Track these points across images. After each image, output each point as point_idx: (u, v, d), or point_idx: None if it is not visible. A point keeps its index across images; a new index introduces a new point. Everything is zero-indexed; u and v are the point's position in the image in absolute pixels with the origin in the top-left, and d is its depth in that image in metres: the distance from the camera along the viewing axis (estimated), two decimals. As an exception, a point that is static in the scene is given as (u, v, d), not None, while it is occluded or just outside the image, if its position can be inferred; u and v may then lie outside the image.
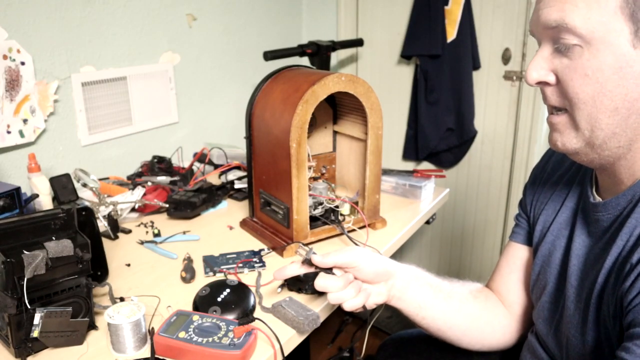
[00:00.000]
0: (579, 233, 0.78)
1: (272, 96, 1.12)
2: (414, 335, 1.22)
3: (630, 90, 0.62)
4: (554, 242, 0.84)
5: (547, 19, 0.64)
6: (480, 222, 2.25)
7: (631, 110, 0.63)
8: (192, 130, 1.87)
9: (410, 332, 1.25)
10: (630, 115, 0.64)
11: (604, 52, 0.62)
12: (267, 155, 1.13)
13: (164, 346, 0.78)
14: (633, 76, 0.62)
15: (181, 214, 1.30)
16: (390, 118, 2.24)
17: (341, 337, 2.24)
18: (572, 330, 0.76)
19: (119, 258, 1.11)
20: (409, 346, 1.20)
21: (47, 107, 1.37)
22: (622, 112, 0.64)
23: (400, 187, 1.46)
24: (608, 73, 0.62)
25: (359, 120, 1.19)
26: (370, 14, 2.27)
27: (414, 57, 2.13)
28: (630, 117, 0.64)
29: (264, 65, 1.87)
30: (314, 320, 0.85)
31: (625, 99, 0.63)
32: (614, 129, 0.65)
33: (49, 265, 0.78)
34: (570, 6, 0.62)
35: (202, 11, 1.82)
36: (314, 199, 1.16)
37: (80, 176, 1.28)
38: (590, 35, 0.62)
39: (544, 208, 0.88)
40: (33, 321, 0.77)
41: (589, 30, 0.61)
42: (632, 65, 0.61)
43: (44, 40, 1.35)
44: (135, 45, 1.61)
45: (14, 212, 1.09)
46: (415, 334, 1.23)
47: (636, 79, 0.62)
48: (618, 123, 0.64)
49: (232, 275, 1.02)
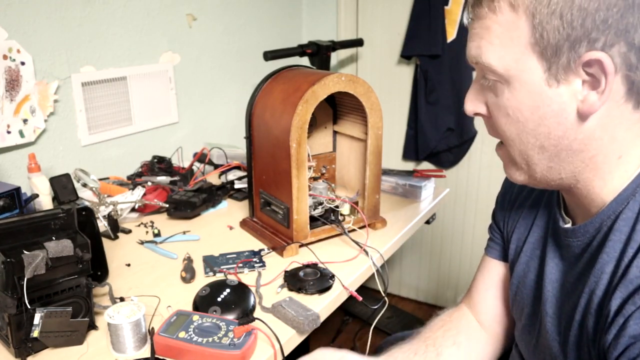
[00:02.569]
0: (552, 256, 0.75)
1: (272, 96, 1.12)
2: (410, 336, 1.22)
3: (552, 129, 0.60)
4: (528, 262, 0.81)
5: (469, 54, 0.64)
6: (480, 222, 2.24)
7: (559, 148, 0.61)
8: (192, 130, 1.87)
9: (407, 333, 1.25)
10: (560, 152, 0.62)
11: (520, 91, 0.60)
12: (267, 155, 1.13)
13: (164, 346, 0.78)
14: (552, 115, 0.59)
15: (181, 214, 1.30)
16: (390, 118, 2.24)
17: (341, 337, 2.24)
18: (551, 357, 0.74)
19: (119, 258, 1.11)
20: None
21: (47, 107, 1.37)
22: (550, 149, 0.62)
23: (400, 187, 1.46)
24: (527, 113, 0.60)
25: (359, 120, 1.19)
26: (370, 14, 2.27)
27: (414, 57, 2.13)
28: (561, 153, 0.62)
29: (264, 65, 1.87)
30: (314, 320, 0.85)
31: (549, 137, 0.61)
32: (547, 163, 0.63)
33: (49, 265, 0.78)
34: (486, 43, 0.61)
35: (202, 11, 1.82)
36: (314, 199, 1.16)
37: (80, 176, 1.28)
38: (506, 73, 0.60)
39: (516, 226, 0.85)
40: (33, 321, 0.77)
41: (504, 69, 0.60)
42: (549, 104, 0.59)
43: (44, 40, 1.35)
44: (135, 45, 1.61)
45: (14, 212, 1.09)
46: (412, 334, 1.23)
47: (557, 118, 0.59)
48: (550, 158, 0.63)
49: (232, 275, 1.02)
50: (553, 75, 0.58)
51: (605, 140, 0.61)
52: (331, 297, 0.95)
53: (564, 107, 0.59)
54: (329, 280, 0.97)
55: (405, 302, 2.57)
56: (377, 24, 2.26)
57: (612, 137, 0.61)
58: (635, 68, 0.56)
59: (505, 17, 0.59)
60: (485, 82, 0.64)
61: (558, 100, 0.59)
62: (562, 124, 0.60)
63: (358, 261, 1.08)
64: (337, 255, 1.10)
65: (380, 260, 1.10)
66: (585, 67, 0.57)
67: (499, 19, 0.59)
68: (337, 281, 0.99)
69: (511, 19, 0.58)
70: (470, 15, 0.63)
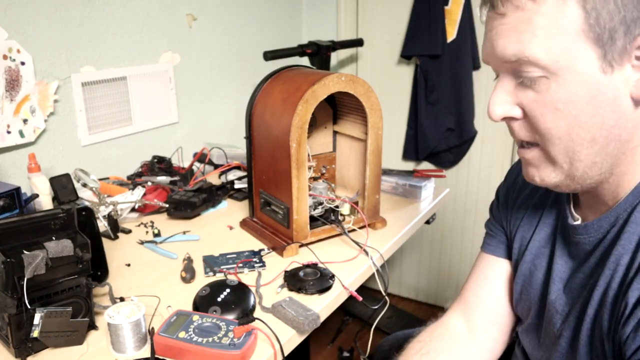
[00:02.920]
0: (560, 254, 0.73)
1: (272, 96, 1.12)
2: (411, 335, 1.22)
3: (606, 119, 0.58)
4: (534, 261, 0.79)
5: (504, 53, 0.59)
6: (480, 222, 2.24)
7: (609, 138, 0.59)
8: (192, 130, 1.87)
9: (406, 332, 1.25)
10: (609, 143, 0.60)
11: (572, 82, 0.57)
12: (267, 155, 1.13)
13: (164, 346, 0.78)
14: (607, 103, 0.57)
15: (181, 214, 1.30)
16: (390, 118, 2.24)
17: (341, 337, 2.24)
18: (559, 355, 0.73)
19: (119, 258, 1.11)
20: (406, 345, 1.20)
21: (47, 107, 1.37)
22: (600, 141, 0.60)
23: (400, 187, 1.46)
24: (581, 104, 0.58)
25: (359, 120, 1.19)
26: (370, 14, 2.27)
27: (414, 57, 2.13)
28: (609, 145, 0.60)
29: (264, 65, 1.87)
30: (314, 320, 0.85)
31: (602, 127, 0.59)
32: (593, 158, 0.61)
33: (49, 265, 0.78)
34: (528, 36, 0.57)
35: (202, 11, 1.82)
36: (314, 199, 1.16)
37: (80, 176, 1.28)
38: (555, 65, 0.57)
39: (520, 224, 0.83)
40: (33, 321, 0.77)
41: (552, 60, 0.57)
42: (605, 92, 0.57)
43: (44, 40, 1.35)
44: (135, 45, 1.61)
45: (14, 212, 1.09)
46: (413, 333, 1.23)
47: (611, 106, 0.58)
48: (597, 152, 0.60)
49: (232, 275, 1.02)
50: (608, 61, 0.56)
51: None
52: (331, 297, 0.95)
53: (618, 94, 0.57)
54: (329, 280, 0.97)
55: (405, 302, 2.57)
56: (377, 24, 2.26)
57: None
58: None
59: (550, 7, 0.56)
60: (526, 80, 0.60)
61: (612, 87, 0.57)
62: (615, 112, 0.58)
63: (358, 261, 1.08)
64: (337, 255, 1.10)
65: (380, 260, 1.10)
66: (638, 50, 0.55)
67: (542, 9, 0.56)
68: (337, 281, 0.99)
69: (557, 7, 0.56)
70: (497, 10, 0.59)
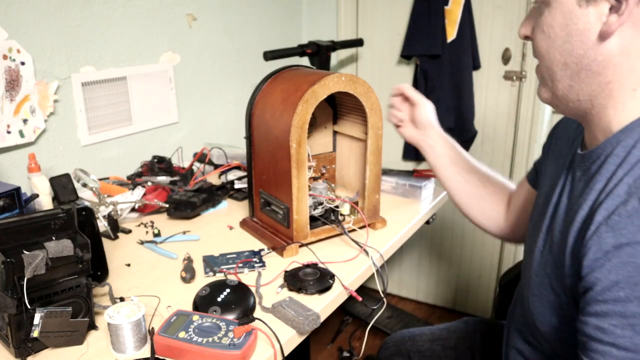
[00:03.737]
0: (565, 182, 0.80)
1: (272, 96, 1.12)
2: (415, 334, 1.23)
3: (575, 47, 0.67)
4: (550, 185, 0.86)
5: None
6: (480, 222, 2.24)
7: (580, 66, 0.68)
8: (192, 130, 1.87)
9: (411, 330, 1.26)
10: (580, 70, 0.68)
11: (555, 10, 0.68)
12: (267, 155, 1.13)
13: (164, 346, 0.78)
14: (577, 33, 0.66)
15: (181, 214, 1.30)
16: (390, 118, 2.24)
17: (341, 337, 2.24)
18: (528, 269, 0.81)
19: (119, 258, 1.11)
20: (411, 345, 1.20)
21: (47, 107, 1.37)
22: (571, 67, 0.69)
23: (400, 187, 1.46)
24: (557, 29, 0.68)
25: (359, 120, 1.19)
26: (370, 14, 2.27)
27: (414, 57, 2.13)
28: (581, 72, 0.68)
29: (264, 65, 1.87)
30: (314, 320, 0.85)
31: (572, 54, 0.68)
32: (569, 81, 0.70)
33: (49, 265, 0.78)
34: None
35: (202, 11, 1.82)
36: (314, 199, 1.16)
37: (80, 176, 1.28)
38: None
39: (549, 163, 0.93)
40: (33, 321, 0.77)
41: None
42: (576, 22, 0.66)
43: (44, 40, 1.35)
44: (135, 45, 1.61)
45: (14, 212, 1.09)
46: (417, 332, 1.23)
47: (580, 36, 0.66)
48: (571, 77, 0.69)
49: (232, 275, 1.02)
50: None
51: (624, 69, 0.66)
52: (331, 297, 0.95)
53: (589, 27, 0.65)
54: (329, 280, 0.97)
55: (405, 302, 2.57)
56: (377, 24, 2.26)
57: (631, 67, 0.66)
58: None
59: None
60: (536, 6, 0.73)
61: (584, 20, 0.65)
62: (584, 43, 0.66)
63: (358, 261, 1.08)
64: (337, 255, 1.10)
65: (380, 260, 1.10)
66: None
67: None
68: (337, 281, 0.99)
69: None
70: None
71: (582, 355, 0.61)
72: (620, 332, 0.57)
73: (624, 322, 0.56)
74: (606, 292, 0.58)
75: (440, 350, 1.17)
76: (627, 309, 0.56)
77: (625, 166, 0.63)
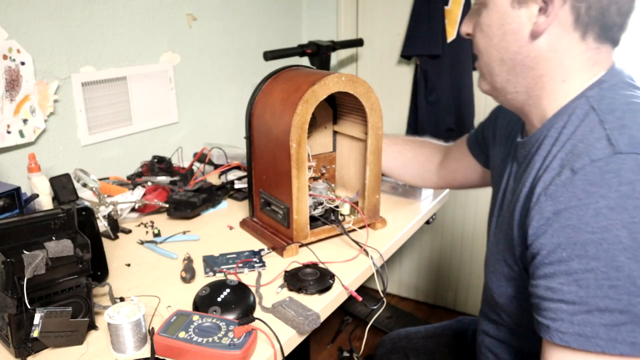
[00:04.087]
0: (510, 169, 0.89)
1: (272, 96, 1.12)
2: (412, 332, 1.25)
3: (510, 44, 0.75)
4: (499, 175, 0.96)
5: None
6: (480, 222, 2.24)
7: (515, 62, 0.76)
8: (192, 130, 1.87)
9: (408, 329, 1.27)
10: (515, 65, 0.76)
11: (492, 11, 0.75)
12: (267, 155, 1.13)
13: (164, 346, 0.79)
14: (511, 32, 0.74)
15: (181, 214, 1.30)
16: (390, 118, 2.24)
17: (341, 337, 2.24)
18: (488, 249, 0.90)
19: (119, 258, 1.11)
20: (407, 342, 1.22)
21: (47, 107, 1.37)
22: (507, 62, 0.76)
23: (400, 187, 1.46)
24: (494, 29, 0.76)
25: (359, 120, 1.19)
26: (370, 14, 2.27)
27: (414, 57, 2.13)
28: (516, 67, 0.76)
29: (264, 65, 1.87)
30: (314, 320, 0.85)
31: (507, 51, 0.75)
32: (506, 75, 0.78)
33: (49, 265, 0.78)
34: None
35: (202, 11, 1.82)
36: (314, 199, 1.16)
37: (80, 176, 1.28)
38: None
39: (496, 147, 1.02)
40: (33, 321, 0.77)
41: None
42: (510, 22, 0.74)
43: (44, 40, 1.35)
44: (135, 45, 1.61)
45: (14, 212, 1.09)
46: (413, 331, 1.25)
47: (514, 35, 0.74)
48: (508, 71, 0.77)
49: (232, 275, 1.02)
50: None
51: (554, 63, 0.74)
52: (331, 297, 0.95)
53: (521, 27, 0.73)
54: (329, 280, 0.98)
55: (405, 302, 2.58)
56: (377, 24, 2.26)
57: (560, 62, 0.74)
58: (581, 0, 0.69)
59: None
60: (474, 7, 0.80)
61: (517, 20, 0.73)
62: (517, 41, 0.74)
63: (358, 261, 1.08)
64: (337, 255, 1.10)
65: (380, 260, 1.10)
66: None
67: None
68: (337, 281, 0.99)
69: None
70: None
71: (537, 315, 0.68)
72: (567, 288, 0.63)
73: (569, 279, 0.63)
74: (551, 255, 0.65)
75: (435, 347, 1.19)
76: (570, 267, 0.63)
77: (558, 144, 0.71)
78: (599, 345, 0.61)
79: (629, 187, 0.61)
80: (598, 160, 0.63)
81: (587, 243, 0.61)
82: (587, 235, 0.61)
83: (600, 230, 0.61)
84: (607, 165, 0.62)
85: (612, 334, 0.60)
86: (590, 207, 0.62)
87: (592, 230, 0.61)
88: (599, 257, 0.61)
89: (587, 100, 0.71)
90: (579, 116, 0.71)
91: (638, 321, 0.60)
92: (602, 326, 0.61)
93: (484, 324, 0.97)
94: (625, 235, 0.60)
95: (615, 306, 0.60)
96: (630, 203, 0.60)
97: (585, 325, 0.62)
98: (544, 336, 0.66)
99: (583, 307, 0.62)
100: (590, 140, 0.66)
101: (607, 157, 0.63)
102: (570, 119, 0.72)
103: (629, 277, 0.60)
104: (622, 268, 0.60)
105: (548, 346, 0.66)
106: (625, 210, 0.60)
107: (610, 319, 0.60)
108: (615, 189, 0.61)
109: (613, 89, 0.72)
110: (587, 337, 0.62)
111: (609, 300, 0.60)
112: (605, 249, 0.60)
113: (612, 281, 0.60)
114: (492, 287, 0.85)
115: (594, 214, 0.61)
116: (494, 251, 0.85)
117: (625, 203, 0.60)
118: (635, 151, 0.62)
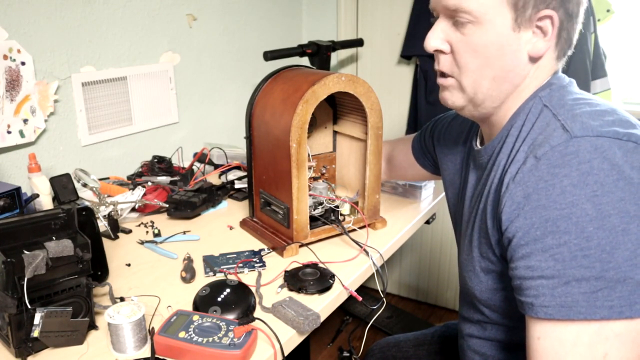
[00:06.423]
0: (470, 175, 0.94)
1: (272, 96, 1.12)
2: (400, 340, 1.25)
3: (506, 64, 0.78)
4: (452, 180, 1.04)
5: (447, 3, 0.78)
6: (480, 222, 2.24)
7: (506, 80, 0.80)
8: (192, 130, 1.87)
9: (396, 337, 1.28)
10: (504, 82, 0.80)
11: (491, 32, 0.76)
12: (267, 155, 1.13)
13: (164, 346, 0.79)
14: (510, 52, 0.77)
15: (181, 214, 1.30)
16: (390, 118, 2.24)
17: (341, 337, 2.25)
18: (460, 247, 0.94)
19: (119, 258, 1.11)
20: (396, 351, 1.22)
21: (47, 107, 1.37)
22: (499, 80, 0.80)
23: (400, 187, 1.46)
24: (492, 49, 0.77)
25: (359, 120, 1.19)
26: (370, 14, 2.27)
27: (414, 57, 2.13)
28: (504, 84, 0.80)
29: (264, 65, 1.87)
30: (314, 320, 0.85)
31: (502, 70, 0.79)
32: (491, 92, 0.81)
33: (49, 265, 0.78)
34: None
35: (202, 11, 1.82)
36: (314, 199, 1.16)
37: (80, 176, 1.28)
38: (483, 17, 0.76)
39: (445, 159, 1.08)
40: (33, 321, 0.77)
41: (481, 13, 0.76)
42: (511, 44, 0.77)
43: (44, 40, 1.35)
44: (135, 45, 1.61)
45: (14, 212, 1.09)
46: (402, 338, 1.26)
47: (512, 55, 0.77)
48: (495, 88, 0.80)
49: (232, 275, 1.02)
50: (518, 23, 0.75)
51: (532, 78, 0.81)
52: (331, 297, 0.95)
53: (520, 49, 0.77)
54: (329, 280, 0.98)
55: (405, 302, 2.58)
56: (377, 24, 2.26)
57: (536, 76, 0.81)
58: (564, 28, 0.77)
59: None
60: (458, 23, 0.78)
61: (516, 42, 0.77)
62: (514, 61, 0.78)
63: (358, 261, 1.08)
64: (337, 255, 1.10)
65: (380, 260, 1.10)
66: (538, 21, 0.75)
67: None
68: (337, 281, 0.99)
69: None
70: None
71: (520, 297, 0.71)
72: (545, 264, 0.67)
73: (545, 255, 0.67)
74: (526, 235, 0.69)
75: (426, 355, 1.18)
76: (545, 244, 0.67)
77: (520, 140, 0.78)
78: (581, 313, 0.65)
79: (587, 165, 0.66)
80: (557, 145, 0.69)
81: (558, 219, 0.66)
82: (556, 212, 0.66)
83: (568, 205, 0.66)
84: (566, 148, 0.68)
85: (591, 301, 0.64)
86: (556, 186, 0.67)
87: (561, 207, 0.66)
88: (570, 230, 0.65)
89: (540, 100, 0.79)
90: (534, 113, 0.78)
91: (612, 285, 0.64)
92: (581, 294, 0.65)
93: (466, 328, 0.98)
94: (590, 207, 0.65)
95: (590, 274, 0.64)
96: (591, 179, 0.65)
97: (566, 296, 0.66)
98: (529, 314, 0.70)
99: (562, 279, 0.66)
100: (548, 131, 0.73)
101: (565, 142, 0.69)
102: (527, 117, 0.79)
103: (599, 245, 0.64)
104: (592, 237, 0.64)
105: (533, 322, 0.70)
106: (587, 186, 0.65)
107: (587, 287, 0.64)
108: (575, 168, 0.66)
109: (559, 89, 0.80)
110: (569, 307, 0.65)
111: (583, 269, 0.65)
112: (574, 222, 0.65)
113: (584, 251, 0.65)
114: (472, 286, 0.89)
115: (560, 192, 0.67)
116: (468, 251, 0.89)
117: (586, 179, 0.66)
118: (588, 134, 0.68)
